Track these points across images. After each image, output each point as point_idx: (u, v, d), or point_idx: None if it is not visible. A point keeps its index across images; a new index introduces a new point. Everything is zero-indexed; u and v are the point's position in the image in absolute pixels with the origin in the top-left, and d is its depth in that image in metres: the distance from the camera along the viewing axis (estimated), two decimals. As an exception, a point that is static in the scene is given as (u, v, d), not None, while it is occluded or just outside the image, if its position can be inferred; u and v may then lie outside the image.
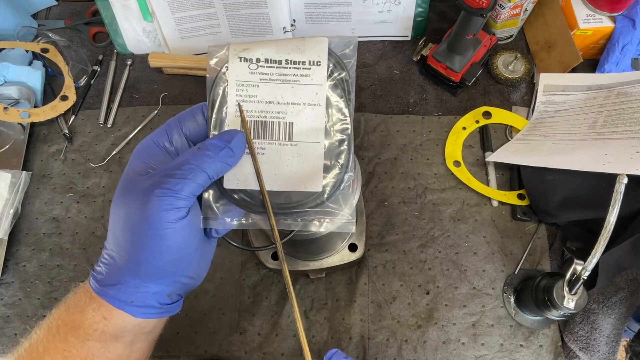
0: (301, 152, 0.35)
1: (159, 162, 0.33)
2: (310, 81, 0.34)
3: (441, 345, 0.56)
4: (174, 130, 0.34)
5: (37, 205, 0.65)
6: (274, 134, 0.34)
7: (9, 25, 0.72)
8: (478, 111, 0.67)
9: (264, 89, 0.34)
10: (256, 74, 0.34)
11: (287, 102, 0.34)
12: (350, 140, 0.35)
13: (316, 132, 0.35)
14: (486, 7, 0.54)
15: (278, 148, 0.34)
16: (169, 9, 0.67)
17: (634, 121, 0.56)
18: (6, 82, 0.68)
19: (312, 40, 0.35)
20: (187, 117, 0.35)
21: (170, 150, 0.34)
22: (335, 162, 0.35)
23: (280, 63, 0.34)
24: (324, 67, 0.34)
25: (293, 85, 0.34)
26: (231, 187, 0.34)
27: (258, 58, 0.34)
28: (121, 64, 0.74)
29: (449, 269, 0.59)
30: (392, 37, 0.74)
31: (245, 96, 0.34)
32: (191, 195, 0.31)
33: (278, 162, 0.34)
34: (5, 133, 0.68)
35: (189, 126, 0.34)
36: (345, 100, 0.35)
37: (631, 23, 0.63)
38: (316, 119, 0.35)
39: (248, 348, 0.57)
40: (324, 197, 0.35)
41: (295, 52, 0.34)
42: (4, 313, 0.60)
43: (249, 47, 0.34)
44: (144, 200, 0.30)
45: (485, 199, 0.63)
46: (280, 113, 0.34)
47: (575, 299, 0.48)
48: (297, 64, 0.34)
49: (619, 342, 0.53)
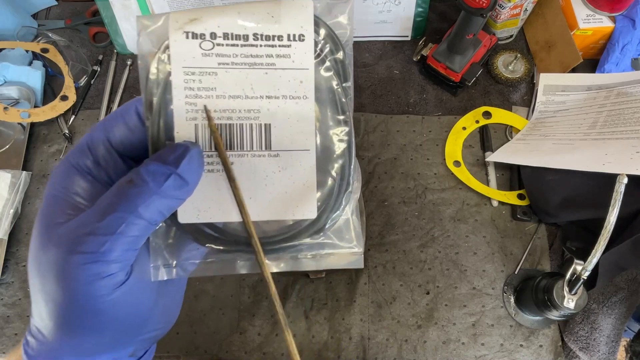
0: (284, 164, 0.25)
1: (83, 195, 0.24)
2: (292, 64, 0.25)
3: (441, 345, 0.56)
4: (100, 143, 0.24)
5: (37, 205, 0.65)
6: (245, 142, 0.25)
7: (9, 25, 0.72)
8: (478, 111, 0.67)
9: (225, 78, 0.24)
10: (212, 57, 0.24)
11: (261, 96, 0.25)
12: (351, 145, 0.26)
13: (304, 136, 0.25)
14: (486, 7, 0.54)
15: (252, 161, 0.25)
16: (169, 9, 0.67)
17: (634, 121, 0.56)
18: (6, 82, 0.68)
19: (290, 4, 0.24)
20: (115, 122, 0.24)
21: (98, 176, 0.24)
22: (331, 175, 0.26)
23: (246, 39, 0.24)
24: (309, 43, 0.25)
25: (267, 71, 0.25)
26: (189, 221, 0.25)
27: (213, 32, 0.24)
28: (121, 64, 0.74)
29: (449, 269, 0.59)
30: (392, 37, 0.74)
31: (199, 89, 0.24)
32: (127, 253, 0.22)
33: (253, 181, 0.25)
34: (5, 133, 0.68)
35: (120, 135, 0.24)
36: (342, 89, 0.26)
37: (631, 23, 0.63)
38: (303, 118, 0.25)
39: (248, 348, 0.57)
40: (321, 226, 0.26)
41: (268, 22, 0.24)
42: (4, 313, 0.60)
43: (198, 15, 0.24)
44: (61, 271, 0.21)
45: (485, 199, 0.63)
46: (251, 112, 0.25)
47: (575, 299, 0.48)
48: (271, 40, 0.24)
49: (619, 342, 0.53)
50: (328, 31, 0.25)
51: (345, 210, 0.27)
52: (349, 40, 0.26)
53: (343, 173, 0.26)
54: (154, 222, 0.22)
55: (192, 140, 0.24)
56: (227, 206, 0.25)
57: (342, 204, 0.26)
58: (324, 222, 0.26)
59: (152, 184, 0.21)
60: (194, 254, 0.26)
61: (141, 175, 0.22)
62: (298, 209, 0.26)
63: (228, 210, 0.25)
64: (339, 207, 0.26)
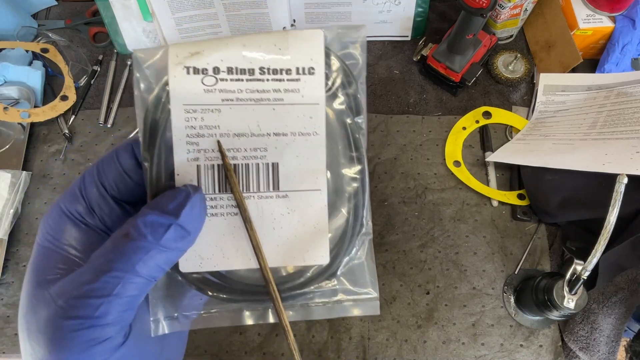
0: (294, 206, 0.24)
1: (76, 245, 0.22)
2: (301, 99, 0.23)
3: (441, 345, 0.56)
4: (93, 188, 0.22)
5: (37, 205, 0.65)
6: (251, 183, 0.24)
7: (9, 25, 0.72)
8: (478, 111, 0.67)
9: (229, 116, 0.23)
10: (215, 92, 0.23)
11: (268, 133, 0.23)
12: (365, 184, 0.25)
13: (314, 175, 0.24)
14: (486, 7, 0.54)
15: (258, 203, 0.24)
16: (169, 9, 0.67)
17: (634, 121, 0.56)
18: (6, 82, 0.68)
19: (298, 35, 0.23)
20: (110, 165, 0.23)
21: (91, 224, 0.23)
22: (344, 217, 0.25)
23: (252, 73, 0.23)
24: (319, 76, 0.23)
25: (274, 107, 0.23)
26: (192, 270, 0.24)
27: (216, 67, 0.23)
28: (121, 64, 0.74)
29: (449, 269, 0.59)
30: (392, 37, 0.74)
31: (201, 127, 0.23)
32: (124, 314, 0.20)
33: (261, 225, 0.24)
34: (5, 133, 0.68)
35: (115, 178, 0.23)
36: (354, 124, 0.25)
37: (631, 23, 0.63)
38: (313, 155, 0.24)
39: (248, 348, 0.57)
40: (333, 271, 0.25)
41: (275, 55, 0.23)
42: (4, 313, 0.60)
43: (200, 48, 0.23)
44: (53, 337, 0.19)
45: (485, 199, 0.63)
46: (257, 150, 0.23)
47: (575, 299, 0.48)
48: (278, 73, 0.23)
49: (619, 342, 0.53)
50: (340, 63, 0.24)
51: (359, 254, 0.25)
52: (361, 71, 0.25)
53: (357, 214, 0.25)
54: (153, 279, 0.21)
55: (194, 182, 0.23)
56: (233, 252, 0.24)
57: (355, 246, 0.25)
58: (336, 267, 0.25)
59: (151, 237, 0.20)
60: (197, 303, 0.24)
61: (138, 227, 0.20)
62: (309, 254, 0.24)
63: (233, 257, 0.24)
64: (352, 250, 0.25)
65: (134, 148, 0.23)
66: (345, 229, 0.25)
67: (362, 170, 0.25)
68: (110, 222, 0.23)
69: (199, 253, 0.23)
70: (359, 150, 0.25)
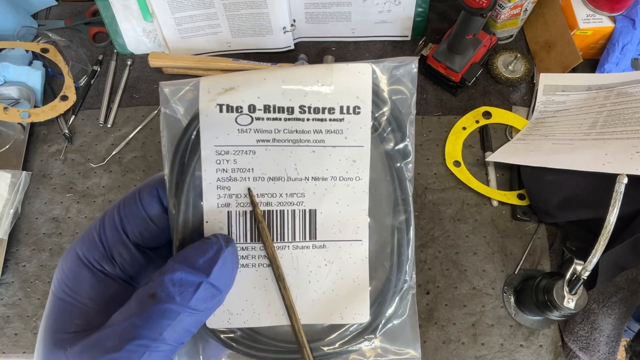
0: (332, 257, 0.22)
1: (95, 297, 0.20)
2: (344, 141, 0.21)
3: (441, 345, 0.56)
4: (113, 234, 0.21)
5: (37, 205, 0.65)
6: (286, 231, 0.22)
7: (9, 25, 0.72)
8: (478, 111, 0.67)
9: (265, 158, 0.21)
10: (250, 133, 0.21)
11: (306, 178, 0.21)
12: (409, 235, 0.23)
13: (355, 224, 0.22)
14: (486, 7, 0.54)
15: (294, 254, 0.22)
16: (169, 9, 0.67)
17: (634, 121, 0.56)
18: (6, 82, 0.68)
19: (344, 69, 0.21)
20: (132, 210, 0.21)
21: (111, 273, 0.21)
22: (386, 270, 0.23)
23: (291, 111, 0.21)
24: (366, 116, 0.21)
25: (314, 149, 0.21)
26: (220, 326, 0.22)
27: (252, 105, 0.20)
28: (121, 64, 0.74)
29: (449, 269, 0.59)
30: (392, 37, 0.74)
31: (233, 170, 0.21)
32: None
33: (295, 277, 0.22)
34: (5, 133, 0.68)
35: (138, 225, 0.21)
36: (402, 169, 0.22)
37: (631, 23, 0.63)
38: (355, 203, 0.22)
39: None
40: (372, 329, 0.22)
41: (317, 90, 0.20)
42: (4, 313, 0.60)
43: (234, 84, 0.20)
44: None
45: (485, 199, 0.63)
46: (294, 196, 0.21)
47: (575, 299, 0.48)
48: (320, 112, 0.21)
49: (619, 342, 0.53)
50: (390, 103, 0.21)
51: (401, 310, 0.23)
52: (410, 108, 0.22)
53: (400, 268, 0.22)
54: (180, 344, 0.19)
55: (224, 230, 0.21)
56: (264, 308, 0.22)
57: (396, 302, 0.23)
58: (376, 325, 0.22)
59: (179, 299, 0.18)
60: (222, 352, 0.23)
61: (166, 287, 0.18)
62: (348, 311, 0.22)
63: (264, 312, 0.22)
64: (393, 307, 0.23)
65: (158, 188, 0.21)
66: (387, 284, 0.23)
67: (407, 220, 0.23)
68: (131, 270, 0.21)
69: (228, 308, 0.22)
70: (405, 199, 0.23)
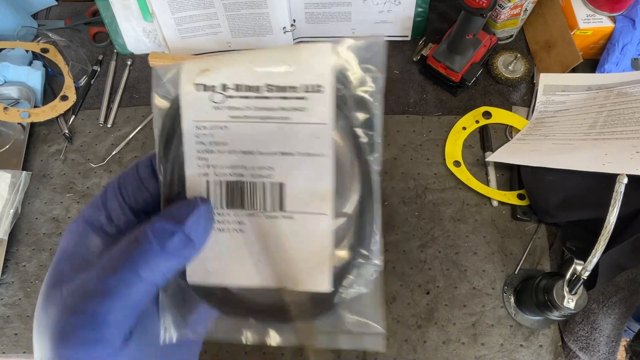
0: (298, 228, 0.23)
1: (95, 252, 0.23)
2: (308, 118, 0.22)
3: (441, 345, 0.56)
4: (113, 200, 0.24)
5: (37, 205, 0.65)
6: (256, 201, 0.23)
7: (9, 25, 0.72)
8: (478, 111, 0.67)
9: (237, 133, 0.23)
10: (223, 109, 0.22)
11: (274, 152, 0.23)
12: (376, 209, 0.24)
13: (320, 198, 0.23)
14: (486, 7, 0.54)
15: (263, 223, 0.23)
16: (169, 9, 0.67)
17: (634, 121, 0.56)
18: (6, 82, 0.68)
19: (305, 50, 0.22)
20: (130, 178, 0.24)
21: (110, 232, 0.24)
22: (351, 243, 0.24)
23: (258, 90, 0.22)
24: (328, 94, 0.22)
25: (281, 126, 0.22)
26: (197, 281, 0.23)
27: (224, 84, 0.22)
28: (121, 64, 0.74)
29: (449, 269, 0.59)
30: (392, 37, 0.74)
31: (210, 144, 0.23)
32: (124, 317, 0.20)
33: (263, 244, 0.23)
34: (5, 133, 0.68)
35: (134, 190, 0.24)
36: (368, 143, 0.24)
37: (631, 23, 0.63)
38: (319, 178, 0.23)
39: (248, 348, 0.57)
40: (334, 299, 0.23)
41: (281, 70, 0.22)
42: (4, 313, 0.60)
43: (209, 65, 0.23)
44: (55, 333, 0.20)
45: (485, 199, 0.63)
46: (263, 169, 0.23)
47: (575, 299, 0.48)
48: (284, 91, 0.22)
49: (619, 342, 0.53)
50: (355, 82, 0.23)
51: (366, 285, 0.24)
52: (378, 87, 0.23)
53: (363, 241, 0.24)
54: (156, 285, 0.21)
55: (204, 196, 0.23)
56: (236, 269, 0.23)
57: (361, 275, 0.24)
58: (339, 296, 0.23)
59: (156, 243, 0.20)
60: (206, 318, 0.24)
61: (146, 233, 0.21)
62: (309, 279, 0.23)
63: (237, 273, 0.23)
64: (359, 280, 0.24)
65: (152, 161, 0.24)
66: (352, 257, 0.24)
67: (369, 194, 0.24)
68: (127, 231, 0.23)
69: (206, 266, 0.23)
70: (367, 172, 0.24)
